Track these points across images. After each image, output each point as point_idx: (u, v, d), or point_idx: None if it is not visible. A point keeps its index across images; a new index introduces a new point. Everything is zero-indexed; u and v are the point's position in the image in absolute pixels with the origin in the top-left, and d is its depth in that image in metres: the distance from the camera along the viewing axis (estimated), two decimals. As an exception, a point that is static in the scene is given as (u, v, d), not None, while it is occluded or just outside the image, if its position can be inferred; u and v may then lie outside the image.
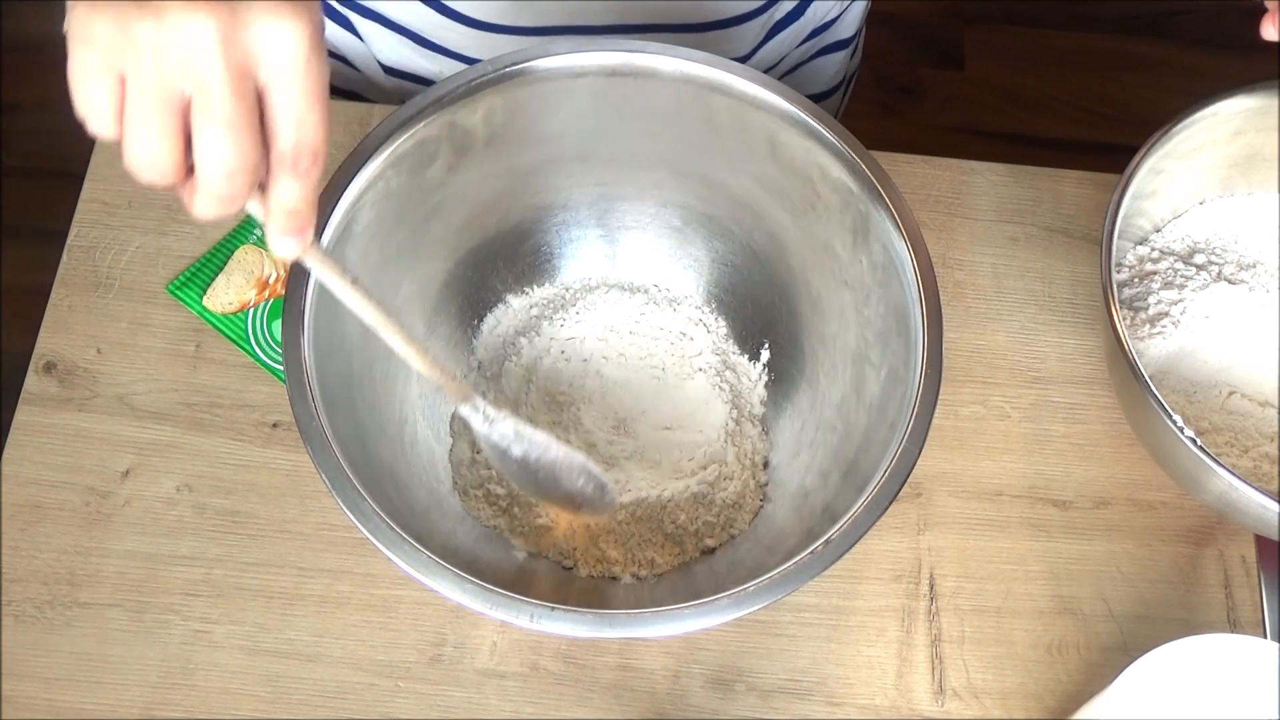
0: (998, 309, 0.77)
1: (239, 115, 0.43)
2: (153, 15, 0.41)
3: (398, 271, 0.67)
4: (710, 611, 0.55)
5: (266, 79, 0.43)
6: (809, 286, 0.70)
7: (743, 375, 0.73)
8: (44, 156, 1.66)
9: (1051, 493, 0.72)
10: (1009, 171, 0.81)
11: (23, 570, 0.67)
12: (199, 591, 0.67)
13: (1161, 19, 1.81)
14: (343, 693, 0.65)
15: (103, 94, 0.42)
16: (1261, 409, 0.71)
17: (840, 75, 0.92)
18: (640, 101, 0.67)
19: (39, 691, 0.65)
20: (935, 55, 1.79)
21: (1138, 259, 0.75)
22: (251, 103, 0.43)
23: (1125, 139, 0.70)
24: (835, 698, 0.66)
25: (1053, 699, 0.67)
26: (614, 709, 0.65)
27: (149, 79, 0.42)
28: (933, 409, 0.59)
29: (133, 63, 0.42)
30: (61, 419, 0.71)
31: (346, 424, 0.60)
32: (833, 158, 0.64)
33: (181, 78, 0.42)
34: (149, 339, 0.73)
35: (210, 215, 0.45)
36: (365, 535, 0.55)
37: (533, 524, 0.68)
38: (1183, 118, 0.70)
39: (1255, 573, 0.69)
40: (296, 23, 0.43)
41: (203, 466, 0.70)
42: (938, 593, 0.69)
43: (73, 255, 0.75)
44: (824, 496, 0.64)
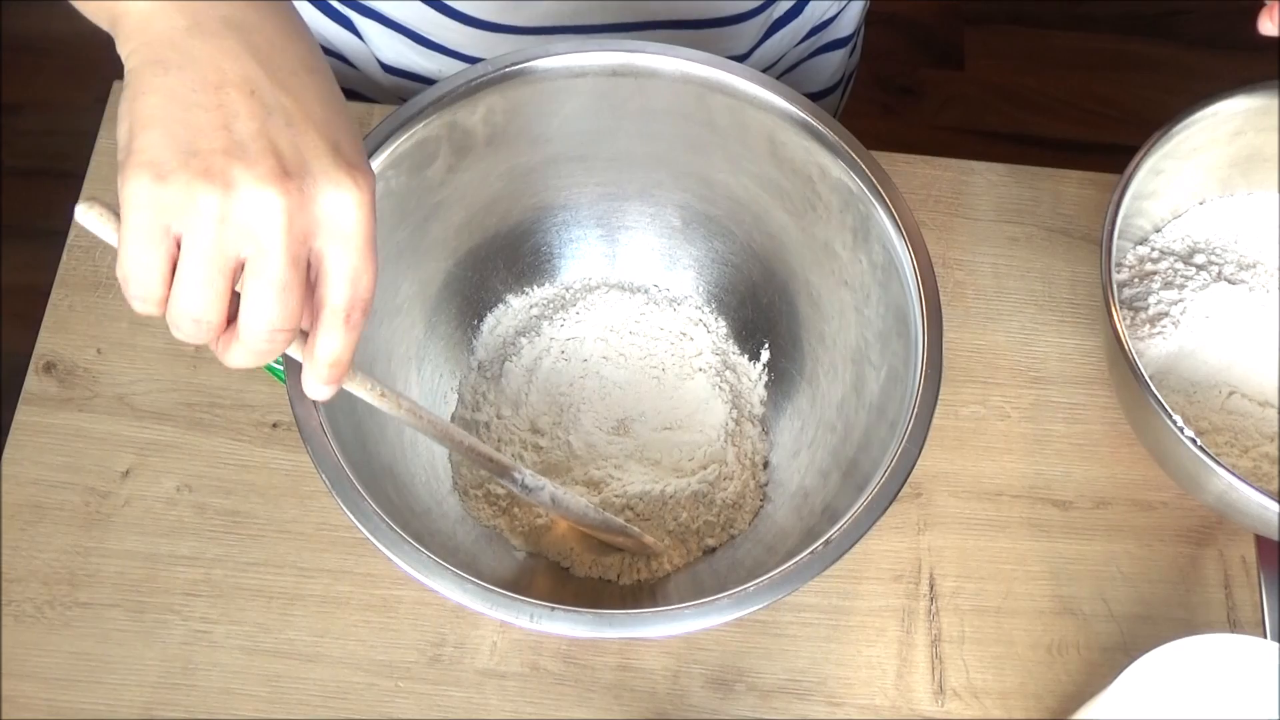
0: (998, 309, 0.77)
1: (293, 279, 0.44)
2: (222, 187, 0.43)
3: (398, 271, 0.67)
4: (710, 611, 0.55)
5: (324, 243, 0.45)
6: (809, 286, 0.70)
7: (743, 375, 0.73)
8: (44, 156, 1.67)
9: (1051, 493, 0.72)
10: (1009, 171, 0.81)
11: (23, 570, 0.67)
12: (199, 591, 0.67)
13: (1161, 19, 1.81)
14: (343, 693, 0.65)
15: (156, 257, 0.44)
16: (1261, 409, 0.71)
17: (839, 74, 0.92)
18: (640, 101, 0.67)
19: (39, 691, 0.65)
20: (935, 55, 1.79)
21: (1138, 259, 0.75)
22: (304, 266, 0.45)
23: (1125, 139, 0.70)
24: (835, 698, 0.66)
25: (1053, 699, 0.67)
26: (614, 709, 0.65)
27: (209, 244, 0.43)
28: (933, 409, 0.59)
29: (195, 229, 0.43)
30: (61, 419, 0.71)
31: (346, 424, 0.60)
32: (833, 158, 0.64)
33: (243, 244, 0.44)
34: (149, 339, 0.73)
35: (242, 366, 0.47)
36: (365, 535, 0.55)
37: (532, 524, 0.68)
38: (1183, 118, 0.70)
39: (1255, 573, 0.69)
40: (358, 192, 0.45)
41: (203, 466, 0.70)
42: (938, 593, 0.69)
43: (73, 255, 0.75)
44: (824, 496, 0.64)
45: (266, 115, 0.45)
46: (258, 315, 0.45)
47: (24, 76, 1.72)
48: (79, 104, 1.66)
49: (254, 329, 0.45)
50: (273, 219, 0.43)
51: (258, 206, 0.43)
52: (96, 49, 1.94)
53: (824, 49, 0.89)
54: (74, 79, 1.70)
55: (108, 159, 0.78)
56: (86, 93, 1.63)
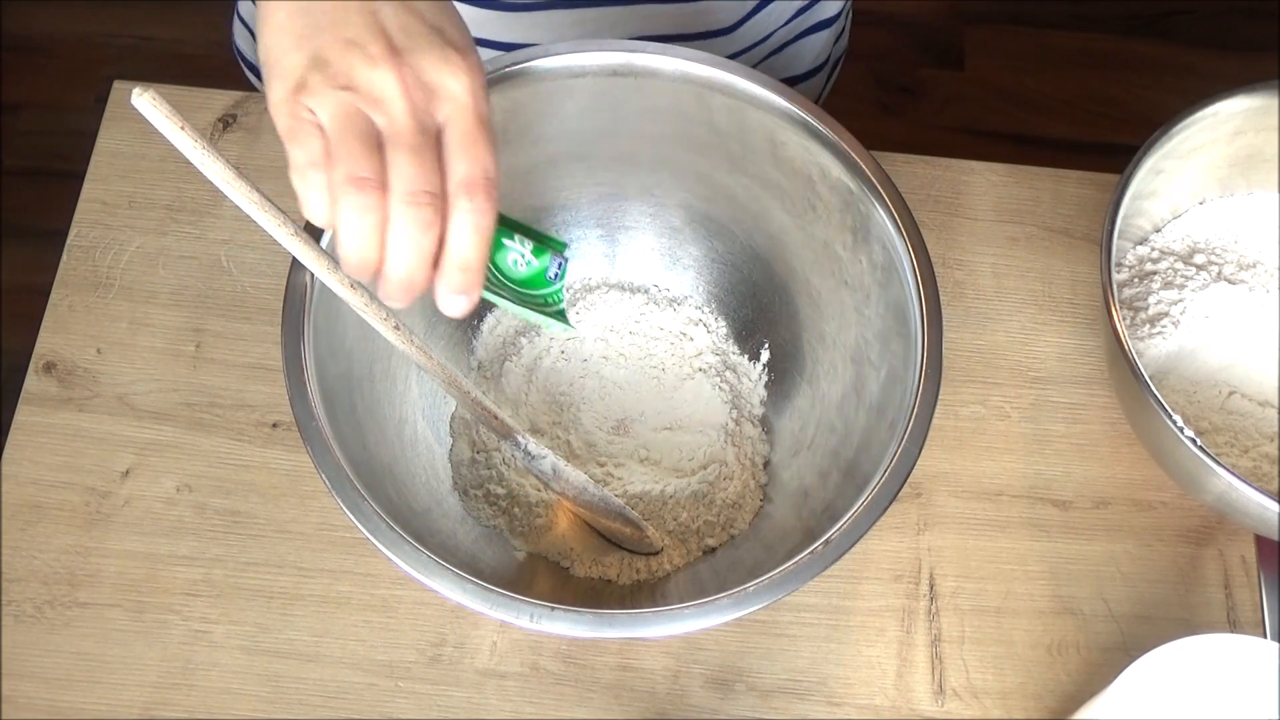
0: (998, 309, 0.77)
1: (422, 142, 0.49)
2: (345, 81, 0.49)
3: (398, 271, 0.67)
4: (710, 611, 0.55)
5: (442, 114, 0.50)
6: (809, 286, 0.70)
7: (743, 375, 0.73)
8: (44, 156, 1.67)
9: (1051, 493, 0.72)
10: (1009, 171, 0.81)
11: (23, 570, 0.67)
12: (199, 591, 0.67)
13: (1161, 19, 1.81)
14: (343, 693, 0.65)
15: (315, 140, 0.49)
16: (1261, 409, 0.71)
17: (824, 56, 0.93)
18: (640, 101, 0.67)
19: (39, 691, 0.65)
20: (935, 55, 1.79)
21: (1138, 259, 0.75)
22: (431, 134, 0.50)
23: (1125, 139, 0.70)
24: (835, 698, 0.66)
25: (1053, 699, 0.67)
26: (614, 709, 0.65)
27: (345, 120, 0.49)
28: (933, 409, 0.59)
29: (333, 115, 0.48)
30: (61, 419, 0.71)
31: (346, 424, 0.60)
32: (833, 158, 0.64)
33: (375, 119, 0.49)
34: (149, 339, 0.73)
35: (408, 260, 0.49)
36: (365, 535, 0.55)
37: (532, 524, 0.68)
38: (1183, 118, 0.70)
39: (1255, 573, 0.69)
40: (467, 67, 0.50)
41: (203, 466, 0.70)
42: (938, 593, 0.69)
43: (73, 255, 0.75)
44: (824, 496, 0.64)
45: (375, 9, 0.49)
46: (401, 178, 0.48)
47: (24, 76, 1.72)
48: (79, 104, 1.66)
49: (403, 193, 0.48)
50: (391, 90, 0.48)
51: (378, 85, 0.48)
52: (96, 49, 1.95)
53: (810, 30, 0.89)
54: (74, 79, 1.70)
55: (108, 159, 0.78)
56: (86, 93, 1.63)
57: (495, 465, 0.69)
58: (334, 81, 0.48)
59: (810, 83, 0.93)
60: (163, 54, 1.73)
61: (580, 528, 0.68)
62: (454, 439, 0.70)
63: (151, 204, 0.77)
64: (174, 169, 0.77)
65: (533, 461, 0.64)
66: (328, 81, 0.49)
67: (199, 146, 0.49)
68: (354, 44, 0.49)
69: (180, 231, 0.76)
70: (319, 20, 0.49)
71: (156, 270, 0.75)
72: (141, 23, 1.75)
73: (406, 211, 0.48)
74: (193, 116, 0.70)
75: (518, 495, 0.68)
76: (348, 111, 0.48)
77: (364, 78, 0.49)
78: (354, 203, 0.48)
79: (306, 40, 0.49)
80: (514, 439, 0.63)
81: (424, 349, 0.57)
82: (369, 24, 0.49)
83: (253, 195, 0.51)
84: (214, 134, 0.79)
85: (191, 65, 1.68)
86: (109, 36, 1.74)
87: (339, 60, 0.49)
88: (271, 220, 0.51)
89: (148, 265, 0.75)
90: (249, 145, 0.78)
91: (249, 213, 0.51)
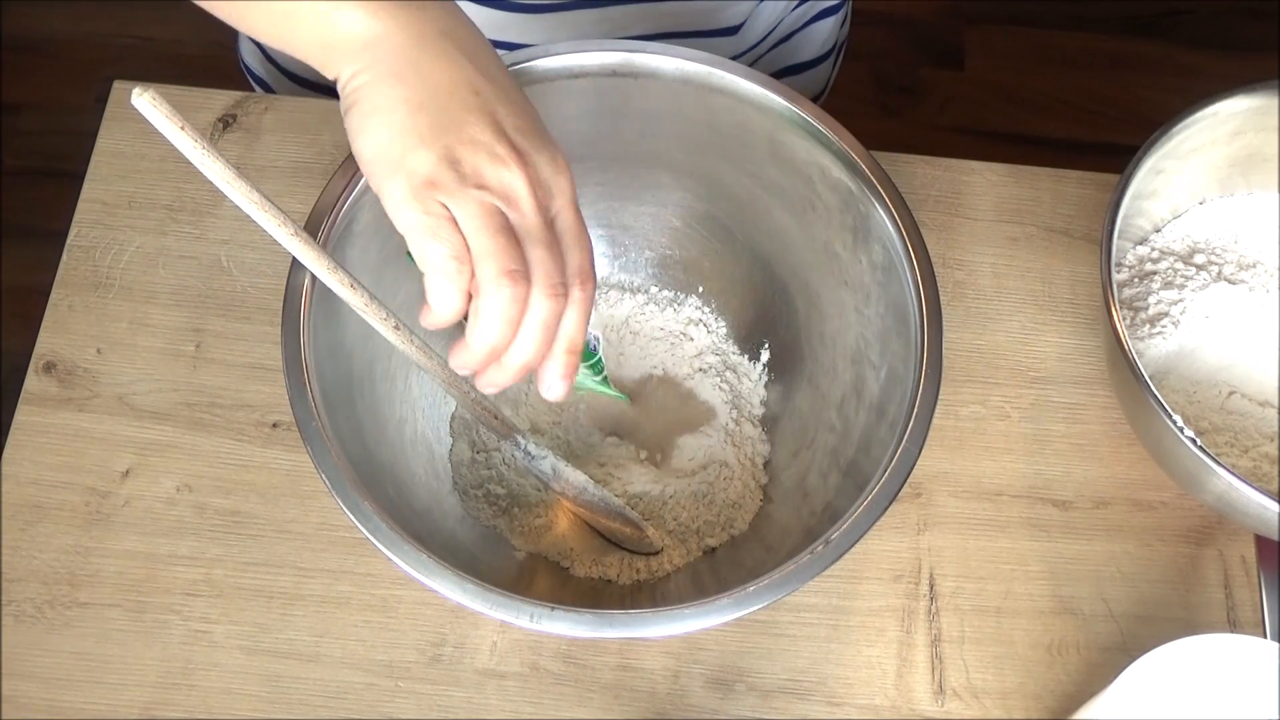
0: (998, 309, 0.77)
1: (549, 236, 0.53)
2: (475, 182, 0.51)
3: (398, 271, 0.67)
4: (710, 611, 0.55)
5: (554, 208, 0.54)
6: (809, 286, 0.70)
7: (743, 375, 0.73)
8: (44, 156, 1.67)
9: (1051, 493, 0.72)
10: (1009, 171, 0.81)
11: (23, 570, 0.67)
12: (199, 591, 0.67)
13: (1161, 19, 1.81)
14: (343, 693, 0.65)
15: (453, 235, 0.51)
16: (1261, 409, 0.71)
17: (831, 42, 0.93)
18: (640, 101, 0.67)
19: (39, 691, 0.65)
20: (935, 55, 1.79)
21: (1138, 259, 0.75)
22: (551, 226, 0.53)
23: (1125, 139, 0.70)
24: (835, 698, 0.66)
25: (1053, 699, 0.67)
26: (614, 709, 0.65)
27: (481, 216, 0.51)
28: (933, 409, 0.59)
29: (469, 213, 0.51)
30: (61, 419, 0.71)
31: (346, 424, 0.60)
32: (833, 158, 0.64)
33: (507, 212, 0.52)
34: (149, 339, 0.73)
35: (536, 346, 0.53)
36: (365, 535, 0.55)
37: (532, 524, 0.68)
38: (1183, 118, 0.70)
39: (1255, 573, 0.69)
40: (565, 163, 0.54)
41: (203, 466, 0.70)
42: (938, 593, 0.69)
43: (73, 255, 0.75)
44: (824, 496, 0.64)
45: (491, 110, 0.53)
46: (543, 272, 0.52)
47: (24, 76, 1.72)
48: (79, 104, 1.66)
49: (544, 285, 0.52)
50: (521, 189, 0.52)
51: (508, 183, 0.52)
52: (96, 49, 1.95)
53: (816, 18, 0.90)
54: (74, 79, 1.70)
55: (108, 159, 0.78)
56: (86, 93, 1.63)
57: (495, 465, 0.69)
58: (468, 180, 0.51)
59: (819, 69, 0.94)
60: (163, 54, 1.73)
61: (580, 528, 0.68)
62: (454, 439, 0.70)
63: (151, 204, 0.77)
64: (174, 169, 0.77)
65: (533, 461, 0.64)
66: (462, 180, 0.51)
67: (199, 146, 0.49)
68: (480, 144, 0.51)
69: (180, 231, 0.76)
70: (442, 120, 0.51)
71: (156, 270, 0.75)
72: (141, 23, 1.75)
73: (546, 303, 0.52)
74: (193, 116, 0.70)
75: (518, 495, 0.68)
76: (487, 209, 0.51)
77: (494, 176, 0.51)
78: (507, 295, 0.51)
79: (433, 139, 0.51)
80: (514, 439, 0.63)
81: (424, 349, 0.57)
82: (490, 124, 0.52)
83: (253, 195, 0.51)
84: (214, 134, 0.79)
85: (191, 65, 1.68)
86: (109, 36, 1.74)
87: (469, 159, 0.51)
88: (271, 220, 0.51)
89: (148, 265, 0.75)
90: (249, 145, 0.78)
91: (249, 213, 0.51)
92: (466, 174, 0.51)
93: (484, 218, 0.51)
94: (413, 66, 0.52)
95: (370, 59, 0.52)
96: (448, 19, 0.54)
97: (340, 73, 0.53)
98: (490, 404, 0.62)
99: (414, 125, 0.51)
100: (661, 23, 0.81)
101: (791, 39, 0.90)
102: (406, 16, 0.53)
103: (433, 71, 0.52)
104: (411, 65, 0.52)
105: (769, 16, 0.86)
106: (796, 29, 0.89)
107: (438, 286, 0.52)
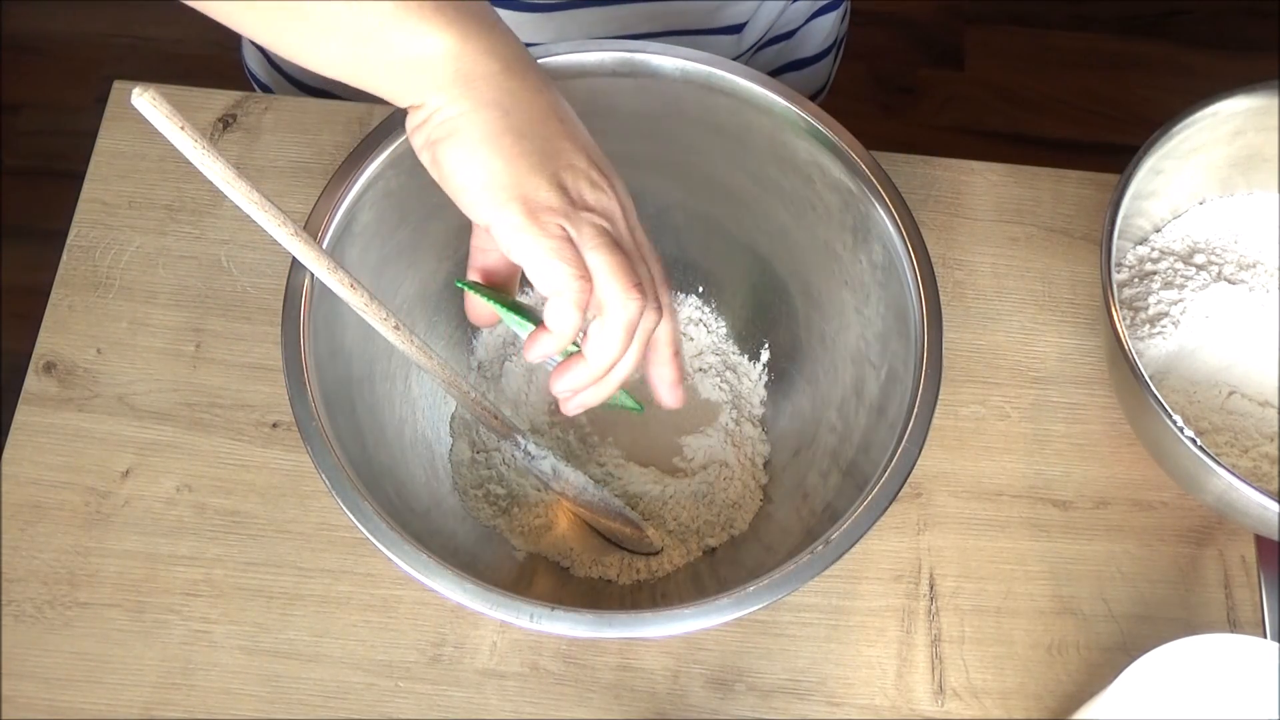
0: (998, 309, 0.77)
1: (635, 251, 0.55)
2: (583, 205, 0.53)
3: (398, 271, 0.67)
4: (710, 611, 0.55)
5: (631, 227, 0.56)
6: (809, 286, 0.70)
7: (743, 375, 0.73)
8: (44, 156, 1.67)
9: (1051, 493, 0.72)
10: (1009, 171, 0.81)
11: (23, 570, 0.67)
12: (199, 591, 0.67)
13: (1161, 19, 1.81)
14: (343, 693, 0.65)
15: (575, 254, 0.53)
16: (1261, 409, 0.71)
17: (832, 38, 0.94)
18: (640, 101, 0.67)
19: (39, 691, 0.65)
20: (935, 55, 1.79)
21: (1138, 259, 0.75)
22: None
23: (1125, 139, 0.70)
24: (835, 698, 0.66)
25: (1053, 699, 0.67)
26: (614, 709, 0.65)
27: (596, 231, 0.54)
28: (933, 409, 0.59)
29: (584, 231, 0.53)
30: (61, 419, 0.71)
31: (346, 424, 0.60)
32: (833, 158, 0.64)
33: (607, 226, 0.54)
34: (149, 339, 0.73)
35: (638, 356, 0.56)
36: (365, 535, 0.55)
37: (532, 524, 0.68)
38: (1183, 118, 0.70)
39: (1255, 573, 0.69)
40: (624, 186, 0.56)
41: (203, 466, 0.70)
42: (938, 593, 0.69)
43: (73, 255, 0.75)
44: (824, 496, 0.64)
45: (575, 136, 0.54)
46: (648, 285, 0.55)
47: (24, 76, 1.72)
48: (79, 104, 1.66)
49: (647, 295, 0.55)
50: (615, 210, 0.55)
51: (605, 205, 0.54)
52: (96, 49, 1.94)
53: (817, 14, 0.90)
54: (74, 79, 1.70)
55: (108, 159, 0.78)
56: (86, 93, 1.63)
57: (495, 465, 0.69)
58: (577, 204, 0.53)
59: (820, 65, 0.94)
60: (163, 54, 1.73)
61: (580, 528, 0.68)
62: (454, 439, 0.70)
63: (151, 204, 0.77)
64: (174, 169, 0.77)
65: (533, 461, 0.64)
66: (573, 204, 0.53)
67: (199, 146, 0.49)
68: (579, 169, 0.54)
69: (180, 231, 0.76)
70: (544, 147, 0.53)
71: (156, 270, 0.75)
72: (141, 23, 1.75)
73: (651, 315, 0.55)
74: (193, 116, 0.70)
75: (518, 495, 0.68)
76: (601, 229, 0.53)
77: (595, 199, 0.54)
78: (635, 309, 0.53)
79: (540, 167, 0.52)
80: (514, 439, 0.63)
81: (424, 349, 0.57)
82: (580, 150, 0.54)
83: (253, 195, 0.51)
84: (214, 134, 0.79)
85: (191, 65, 1.68)
86: (109, 36, 1.74)
87: (572, 184, 0.53)
88: (271, 220, 0.51)
89: (148, 265, 0.75)
90: (249, 145, 0.78)
91: (249, 213, 0.51)
92: (574, 198, 0.53)
93: (601, 237, 0.53)
94: (509, 94, 0.52)
95: (465, 87, 0.52)
96: (517, 43, 0.54)
97: (427, 100, 0.52)
98: (490, 404, 0.62)
99: (522, 153, 0.52)
100: (666, 22, 0.82)
101: (793, 36, 0.90)
102: (490, 42, 0.52)
103: (526, 98, 0.53)
104: (508, 93, 0.52)
105: (770, 13, 0.86)
106: (798, 26, 0.89)
107: (562, 308, 0.53)
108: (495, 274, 0.61)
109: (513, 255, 0.53)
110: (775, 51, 0.90)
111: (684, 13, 0.82)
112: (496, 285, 0.61)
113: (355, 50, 0.52)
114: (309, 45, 0.53)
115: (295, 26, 0.52)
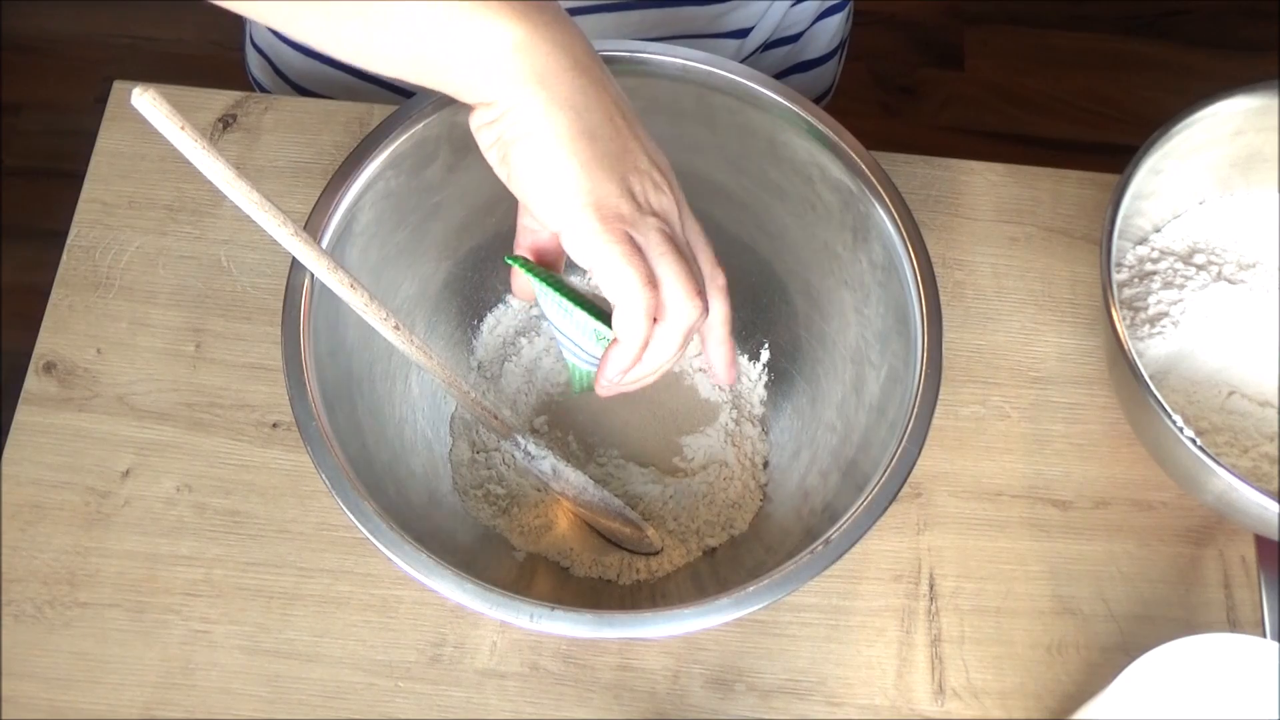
0: (998, 309, 0.77)
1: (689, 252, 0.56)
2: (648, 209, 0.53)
3: (398, 271, 0.67)
4: (710, 611, 0.55)
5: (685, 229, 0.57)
6: (809, 287, 0.70)
7: (742, 375, 0.73)
8: (44, 156, 1.67)
9: (1051, 493, 0.72)
10: (1009, 171, 0.81)
11: (23, 570, 0.67)
12: (199, 591, 0.67)
13: (1161, 19, 1.81)
14: (343, 693, 0.65)
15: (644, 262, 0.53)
16: (1261, 409, 0.71)
17: (837, 39, 0.94)
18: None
19: (39, 691, 0.65)
20: (935, 55, 1.79)
21: (1138, 259, 0.75)
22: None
23: (1125, 139, 0.70)
24: (835, 698, 0.66)
25: (1053, 699, 0.67)
26: (614, 709, 0.65)
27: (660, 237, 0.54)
28: (933, 409, 0.59)
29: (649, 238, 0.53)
30: (61, 419, 0.71)
31: (346, 424, 0.60)
32: (833, 158, 0.64)
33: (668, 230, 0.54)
34: (149, 339, 0.73)
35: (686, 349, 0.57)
36: (365, 535, 0.55)
37: (532, 524, 0.68)
38: (1183, 118, 0.70)
39: (1255, 573, 0.69)
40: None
41: (203, 466, 0.70)
42: (938, 593, 0.69)
43: (73, 255, 0.75)
44: (824, 496, 0.64)
45: (636, 134, 0.54)
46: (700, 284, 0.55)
47: (24, 76, 1.73)
48: (79, 104, 1.66)
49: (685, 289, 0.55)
50: (674, 212, 0.55)
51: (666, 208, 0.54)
52: (96, 49, 1.95)
53: (823, 15, 0.90)
54: (74, 79, 1.70)
55: (108, 159, 0.78)
56: (86, 93, 1.63)
57: (495, 465, 0.69)
58: (644, 209, 0.53)
59: (825, 67, 0.94)
60: (163, 54, 1.73)
61: (580, 528, 0.68)
62: (454, 439, 0.70)
63: (151, 204, 0.77)
64: (174, 169, 0.77)
65: (533, 461, 0.64)
66: (640, 209, 0.53)
67: (199, 146, 0.49)
68: (643, 171, 0.53)
69: (180, 231, 0.76)
70: (612, 149, 0.52)
71: (156, 270, 0.75)
72: (141, 23, 1.75)
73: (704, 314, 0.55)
74: (193, 116, 0.70)
75: (517, 495, 0.68)
76: (665, 235, 0.53)
77: (659, 202, 0.54)
78: (696, 314, 0.54)
79: (611, 172, 0.52)
80: (514, 439, 0.63)
81: (424, 349, 0.57)
82: (642, 149, 0.54)
83: (253, 195, 0.51)
84: (214, 134, 0.79)
85: (191, 65, 1.68)
86: (109, 36, 1.74)
87: (639, 189, 0.53)
88: (271, 220, 0.51)
89: (148, 265, 0.75)
90: (249, 145, 0.78)
91: (249, 213, 0.51)
92: (641, 203, 0.53)
93: (666, 243, 0.53)
94: (580, 92, 0.51)
95: (538, 84, 0.50)
96: (582, 35, 0.53)
97: (499, 97, 0.51)
98: (490, 404, 0.62)
99: (594, 156, 0.51)
100: (674, 27, 0.82)
101: (799, 38, 0.90)
102: (559, 34, 0.51)
103: (594, 96, 0.52)
104: (579, 90, 0.51)
105: (775, 16, 0.86)
106: (804, 28, 0.90)
107: (633, 317, 0.53)
108: (545, 253, 0.61)
109: (583, 261, 0.52)
110: (782, 54, 0.90)
111: (692, 17, 0.82)
112: (545, 264, 0.61)
113: (421, 47, 0.50)
114: (372, 44, 0.51)
115: (356, 25, 0.50)
